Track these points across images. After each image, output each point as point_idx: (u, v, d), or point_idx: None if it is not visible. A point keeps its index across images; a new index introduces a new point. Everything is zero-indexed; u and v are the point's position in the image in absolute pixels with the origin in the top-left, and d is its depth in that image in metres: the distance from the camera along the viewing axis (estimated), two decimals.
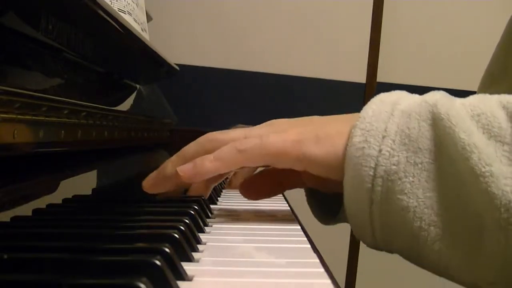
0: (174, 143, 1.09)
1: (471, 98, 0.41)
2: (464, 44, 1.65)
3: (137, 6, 0.88)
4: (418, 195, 0.38)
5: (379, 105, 0.42)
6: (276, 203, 0.64)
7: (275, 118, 0.79)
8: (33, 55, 0.51)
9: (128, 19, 0.80)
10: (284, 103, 1.61)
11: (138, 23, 0.87)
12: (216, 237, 0.43)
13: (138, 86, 0.93)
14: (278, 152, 0.45)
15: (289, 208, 0.61)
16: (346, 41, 1.62)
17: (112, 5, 0.75)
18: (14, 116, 0.41)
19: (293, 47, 1.61)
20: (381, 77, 1.64)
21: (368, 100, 0.44)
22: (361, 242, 0.47)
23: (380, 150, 0.39)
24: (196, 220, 0.44)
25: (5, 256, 0.28)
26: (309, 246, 0.41)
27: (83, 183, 0.59)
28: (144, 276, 0.25)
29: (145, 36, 0.91)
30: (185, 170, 0.47)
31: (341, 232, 1.68)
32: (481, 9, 1.64)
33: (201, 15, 1.57)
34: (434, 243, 0.38)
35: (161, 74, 1.03)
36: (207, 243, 0.41)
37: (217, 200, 0.64)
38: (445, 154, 0.38)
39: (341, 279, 1.63)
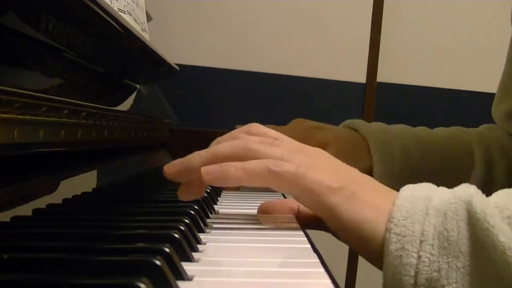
0: (174, 143, 1.09)
1: (495, 196, 0.40)
2: (464, 44, 1.65)
3: (137, 6, 0.88)
4: None
5: (412, 202, 0.40)
6: None
7: (275, 118, 0.80)
8: (33, 55, 0.51)
9: (128, 19, 0.80)
10: (284, 103, 1.61)
11: (138, 23, 0.87)
12: (216, 237, 0.43)
13: (138, 86, 0.93)
14: (309, 189, 0.43)
15: None
16: (346, 41, 1.62)
17: (112, 5, 0.75)
18: (14, 116, 0.41)
19: (293, 47, 1.61)
20: (381, 77, 1.64)
21: (368, 100, 0.43)
22: None
23: (419, 257, 0.38)
24: (196, 220, 0.44)
25: (5, 256, 0.28)
26: (309, 246, 0.41)
27: (83, 183, 0.59)
28: (144, 276, 0.25)
29: (145, 36, 0.91)
30: (210, 172, 0.44)
31: None
32: (481, 9, 1.64)
33: (201, 15, 1.56)
34: None
35: (161, 74, 1.03)
36: (207, 243, 0.41)
37: (217, 200, 0.64)
38: (486, 256, 0.37)
39: (341, 279, 1.63)
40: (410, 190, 0.42)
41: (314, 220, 0.49)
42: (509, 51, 0.77)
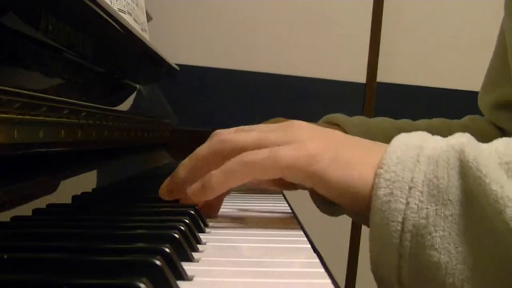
0: (174, 143, 1.09)
1: (496, 143, 0.39)
2: (464, 44, 1.65)
3: (137, 6, 0.88)
4: (450, 250, 0.36)
5: (404, 150, 0.39)
6: (276, 204, 0.64)
7: (275, 118, 0.80)
8: (33, 55, 0.51)
9: (128, 19, 0.80)
10: (284, 103, 1.61)
11: (138, 23, 0.87)
12: (216, 237, 0.43)
13: (138, 86, 0.93)
14: (289, 167, 0.42)
15: (289, 208, 0.61)
16: (346, 41, 1.62)
17: (112, 5, 0.75)
18: (14, 116, 0.41)
19: (293, 47, 1.61)
20: (381, 77, 1.64)
21: (368, 100, 0.43)
22: (361, 242, 0.47)
23: (407, 203, 0.37)
24: (196, 220, 0.44)
25: (5, 256, 0.28)
26: (309, 246, 0.41)
27: (83, 183, 0.59)
28: (144, 276, 0.25)
29: (145, 36, 0.91)
30: (194, 191, 0.45)
31: (341, 232, 1.68)
32: (481, 9, 1.64)
33: (201, 15, 1.57)
34: None
35: (161, 74, 1.03)
36: (207, 243, 0.41)
37: None
38: (476, 205, 0.36)
39: (341, 279, 1.63)
40: (403, 138, 0.41)
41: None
42: (498, 39, 0.78)
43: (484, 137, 0.80)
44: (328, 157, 0.41)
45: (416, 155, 0.39)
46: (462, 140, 0.39)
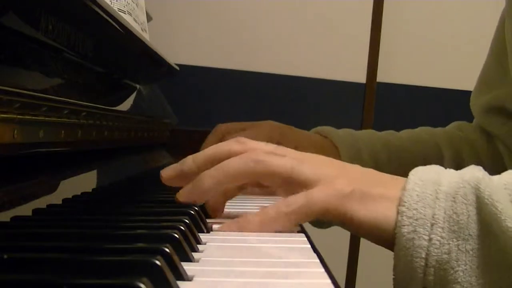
0: (174, 143, 1.09)
1: (507, 176, 0.41)
2: (464, 44, 1.65)
3: (137, 6, 0.88)
4: (472, 283, 0.38)
5: (422, 186, 0.41)
6: None
7: (275, 118, 0.80)
8: (33, 55, 0.51)
9: (128, 19, 0.80)
10: (284, 103, 1.61)
11: (138, 23, 0.87)
12: (216, 237, 0.43)
13: (138, 86, 0.93)
14: (322, 211, 0.43)
15: None
16: (346, 41, 1.62)
17: (112, 5, 0.75)
18: (14, 116, 0.41)
19: (293, 47, 1.61)
20: (381, 77, 1.63)
21: (368, 100, 0.43)
22: (361, 242, 0.47)
23: (430, 239, 0.39)
24: (196, 220, 0.44)
25: (5, 256, 0.28)
26: (309, 246, 0.41)
27: (83, 183, 0.59)
28: (144, 276, 0.25)
29: (145, 36, 0.91)
30: (184, 195, 0.46)
31: (341, 232, 1.68)
32: (481, 9, 1.64)
33: (201, 15, 1.56)
34: None
35: (161, 74, 1.03)
36: (207, 243, 0.41)
37: None
38: (494, 240, 0.38)
39: (341, 279, 1.63)
40: (419, 175, 0.42)
41: None
42: (492, 43, 0.77)
43: (470, 146, 0.80)
44: (356, 197, 0.43)
45: (434, 192, 0.40)
46: (476, 175, 0.40)
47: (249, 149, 0.46)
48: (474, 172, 0.41)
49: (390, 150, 0.78)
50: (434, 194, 0.40)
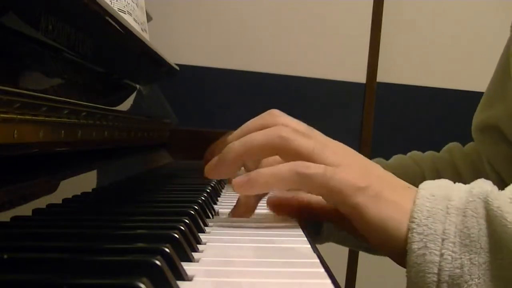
0: (174, 143, 1.09)
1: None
2: (465, 44, 1.65)
3: (137, 6, 0.88)
4: None
5: (433, 202, 0.41)
6: None
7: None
8: (33, 55, 0.51)
9: (128, 19, 0.80)
10: (284, 103, 1.60)
11: (138, 23, 0.87)
12: (216, 237, 0.43)
13: (138, 86, 0.93)
14: (337, 190, 0.43)
15: None
16: (346, 41, 1.62)
17: (112, 5, 0.75)
18: (14, 116, 0.41)
19: (293, 47, 1.61)
20: (381, 77, 1.64)
21: (368, 100, 0.43)
22: None
23: (441, 255, 0.39)
24: (196, 220, 0.44)
25: (5, 256, 0.28)
26: (309, 246, 0.41)
27: (83, 183, 0.59)
28: (144, 276, 0.25)
29: (145, 36, 0.91)
30: (239, 183, 0.45)
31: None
32: (481, 9, 1.64)
33: (201, 15, 1.57)
34: None
35: (161, 74, 1.03)
36: (207, 243, 0.41)
37: (217, 200, 0.64)
38: (506, 251, 0.38)
39: (341, 279, 1.63)
40: (429, 189, 0.42)
41: (327, 213, 0.50)
42: (498, 64, 0.77)
43: (454, 170, 0.81)
44: (371, 193, 0.42)
45: (445, 207, 0.40)
46: (485, 188, 0.41)
47: (279, 123, 0.46)
48: (482, 186, 0.41)
49: None
50: (445, 210, 0.40)
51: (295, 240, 0.43)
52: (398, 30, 1.65)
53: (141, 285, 0.24)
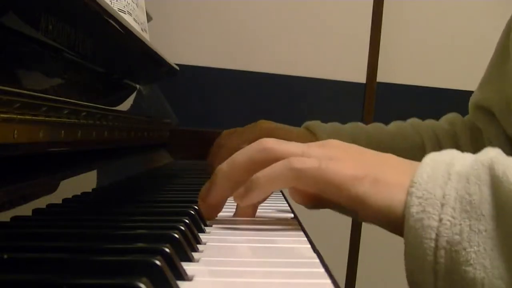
0: (174, 143, 1.09)
1: None
2: (465, 44, 1.65)
3: (137, 6, 0.88)
4: (486, 265, 0.36)
5: (433, 167, 0.40)
6: (276, 203, 0.64)
7: (275, 118, 0.80)
8: (33, 55, 0.51)
9: (128, 19, 0.80)
10: (284, 103, 1.61)
11: (138, 23, 0.87)
12: (216, 237, 0.43)
13: (138, 86, 0.93)
14: (335, 183, 0.42)
15: (289, 208, 0.61)
16: (346, 41, 1.62)
17: (112, 5, 0.75)
18: (14, 116, 0.41)
19: (293, 47, 1.61)
20: (381, 77, 1.64)
21: (368, 100, 0.43)
22: (361, 242, 0.47)
23: (440, 220, 0.37)
24: (196, 220, 0.44)
25: (5, 256, 0.28)
26: (309, 246, 0.41)
27: (83, 183, 0.59)
28: (144, 276, 0.25)
29: (145, 36, 0.91)
30: (238, 194, 0.45)
31: (341, 232, 1.68)
32: (481, 9, 1.64)
33: (201, 15, 1.57)
34: None
35: (161, 74, 1.03)
36: (207, 243, 0.41)
37: None
38: (509, 219, 0.37)
39: (341, 279, 1.63)
40: (431, 155, 0.41)
41: (315, 198, 0.48)
42: (497, 46, 0.78)
43: (453, 141, 0.81)
44: (369, 180, 0.42)
45: (446, 173, 0.39)
46: (490, 155, 0.39)
47: (281, 156, 0.45)
48: (488, 152, 0.40)
49: (371, 143, 0.77)
50: (446, 175, 0.39)
51: (295, 240, 0.43)
52: (398, 30, 1.65)
53: (141, 285, 0.24)
